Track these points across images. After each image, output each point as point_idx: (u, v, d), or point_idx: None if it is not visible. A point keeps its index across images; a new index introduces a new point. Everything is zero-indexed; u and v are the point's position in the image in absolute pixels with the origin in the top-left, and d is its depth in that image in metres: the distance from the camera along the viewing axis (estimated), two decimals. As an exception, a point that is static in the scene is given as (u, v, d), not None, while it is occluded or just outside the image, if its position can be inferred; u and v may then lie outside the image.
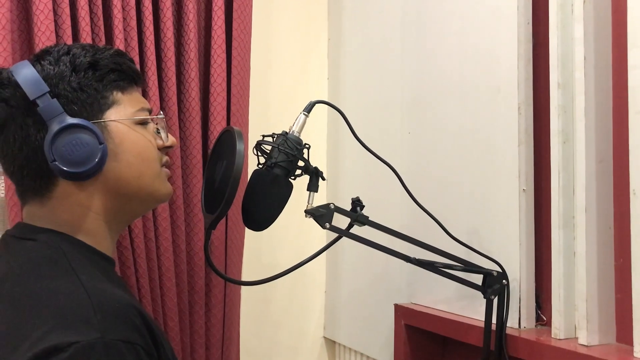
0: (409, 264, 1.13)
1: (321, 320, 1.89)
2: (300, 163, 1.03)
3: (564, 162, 1.10)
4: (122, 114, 0.88)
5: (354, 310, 1.74)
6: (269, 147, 1.03)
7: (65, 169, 0.82)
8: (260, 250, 1.79)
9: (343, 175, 1.81)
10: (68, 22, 1.38)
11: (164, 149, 0.94)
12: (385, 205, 1.53)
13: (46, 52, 0.89)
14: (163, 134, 0.94)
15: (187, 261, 1.55)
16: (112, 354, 0.70)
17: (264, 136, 1.03)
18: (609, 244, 1.07)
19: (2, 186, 1.43)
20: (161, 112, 0.97)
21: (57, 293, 0.75)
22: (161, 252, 1.49)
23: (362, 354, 1.71)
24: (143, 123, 0.91)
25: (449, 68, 1.38)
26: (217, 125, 1.56)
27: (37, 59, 0.88)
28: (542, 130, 1.19)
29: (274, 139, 1.03)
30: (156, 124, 0.94)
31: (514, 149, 1.19)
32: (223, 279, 1.55)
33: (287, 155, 1.00)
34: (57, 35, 1.38)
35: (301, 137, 1.04)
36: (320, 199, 1.18)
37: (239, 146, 0.94)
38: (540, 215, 1.19)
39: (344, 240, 1.11)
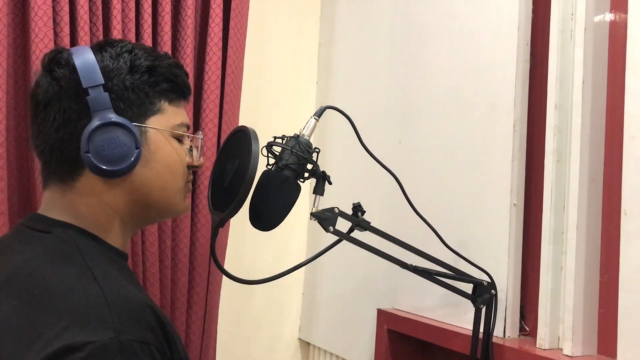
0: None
1: (297, 321, 1.90)
2: (309, 166, 1.04)
3: (556, 180, 1.15)
4: (164, 123, 0.88)
5: (332, 313, 1.76)
6: (278, 149, 1.04)
7: (95, 162, 0.82)
8: (242, 250, 1.79)
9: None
10: (66, 8, 1.37)
11: (191, 168, 0.95)
12: (371, 211, 1.55)
13: (109, 43, 0.88)
14: (195, 154, 0.95)
15: (171, 257, 1.54)
16: (127, 354, 0.70)
17: (275, 138, 1.04)
18: (596, 261, 1.12)
19: None
20: (200, 132, 0.98)
21: (72, 290, 0.75)
22: (146, 247, 1.48)
23: (337, 357, 1.73)
24: (180, 138, 0.91)
25: (444, 81, 1.41)
26: (209, 123, 1.56)
27: (99, 48, 0.87)
28: (534, 147, 1.24)
29: (284, 141, 1.04)
30: (191, 141, 0.94)
31: (507, 164, 1.23)
32: (228, 277, 1.58)
33: (299, 158, 1.02)
34: (55, 22, 1.36)
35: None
36: (304, 201, 1.20)
37: (255, 147, 0.95)
38: (529, 229, 1.24)
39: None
